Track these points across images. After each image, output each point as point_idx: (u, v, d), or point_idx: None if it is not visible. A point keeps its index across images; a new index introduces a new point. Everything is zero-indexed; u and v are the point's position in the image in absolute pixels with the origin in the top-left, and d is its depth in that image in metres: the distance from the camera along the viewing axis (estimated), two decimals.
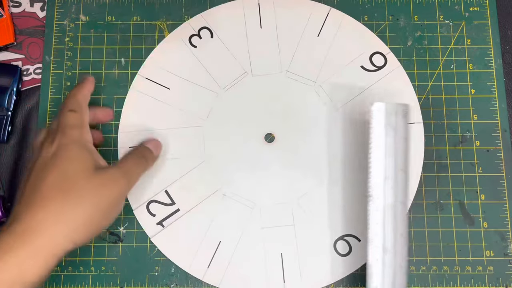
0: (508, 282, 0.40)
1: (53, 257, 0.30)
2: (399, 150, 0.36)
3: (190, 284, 0.40)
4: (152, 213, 0.41)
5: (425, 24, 0.45)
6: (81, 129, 0.35)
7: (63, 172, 0.32)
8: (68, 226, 0.30)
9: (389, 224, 0.35)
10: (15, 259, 0.28)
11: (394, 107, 0.36)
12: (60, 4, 0.46)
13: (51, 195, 0.31)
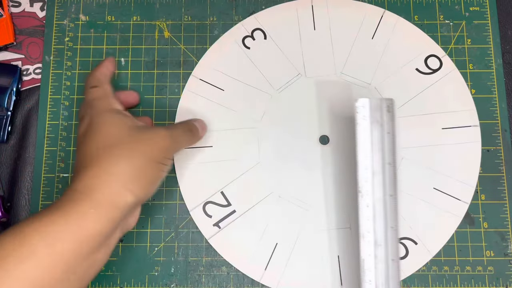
0: (508, 282, 0.40)
1: (114, 208, 0.30)
2: (385, 145, 0.36)
3: (190, 284, 0.40)
4: (208, 214, 0.41)
5: (425, 24, 0.45)
6: (108, 99, 0.36)
7: (105, 134, 0.33)
8: (122, 178, 0.31)
9: (380, 218, 0.35)
10: (78, 209, 0.29)
11: (378, 102, 0.36)
12: (60, 4, 0.46)
13: (100, 155, 0.32)
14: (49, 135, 0.43)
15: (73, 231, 0.28)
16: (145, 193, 0.33)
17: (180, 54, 0.45)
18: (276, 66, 0.44)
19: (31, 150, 0.43)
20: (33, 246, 0.27)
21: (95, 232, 0.29)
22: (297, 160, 0.42)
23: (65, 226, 0.28)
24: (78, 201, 0.30)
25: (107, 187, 0.30)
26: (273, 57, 0.44)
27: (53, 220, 0.28)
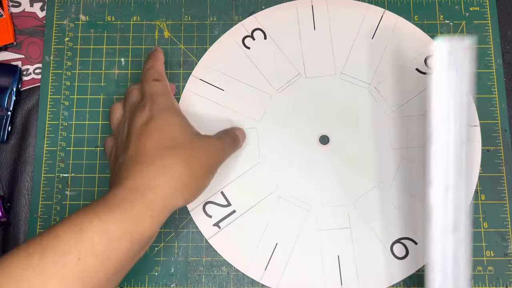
0: (508, 282, 0.40)
1: (166, 211, 0.31)
2: (462, 87, 0.34)
3: (190, 284, 0.40)
4: (208, 214, 0.41)
5: (425, 24, 0.45)
6: (170, 97, 0.37)
7: (167, 134, 0.33)
8: (178, 181, 0.31)
9: (451, 160, 0.34)
10: (136, 209, 0.29)
11: (458, 43, 0.34)
12: (60, 4, 0.46)
13: (160, 154, 0.32)
14: (49, 135, 0.43)
15: (130, 231, 0.29)
16: (193, 199, 0.34)
17: (180, 54, 0.45)
18: (276, 66, 0.44)
19: (31, 150, 0.43)
20: (93, 244, 0.27)
21: (149, 233, 0.30)
22: (297, 160, 0.42)
23: (123, 226, 0.28)
24: (134, 202, 0.30)
25: (163, 189, 0.31)
26: (273, 57, 0.44)
27: (112, 219, 0.28)
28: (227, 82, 0.43)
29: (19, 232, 0.41)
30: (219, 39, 0.44)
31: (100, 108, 0.43)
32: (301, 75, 0.43)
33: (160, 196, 0.30)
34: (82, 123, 0.43)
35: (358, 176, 0.41)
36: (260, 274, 0.40)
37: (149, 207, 0.30)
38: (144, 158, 0.32)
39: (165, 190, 0.31)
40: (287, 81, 0.43)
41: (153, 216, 0.30)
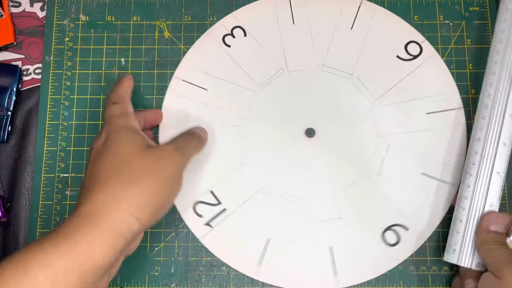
0: None
1: (120, 237, 0.29)
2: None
3: (190, 284, 0.40)
4: (199, 214, 0.41)
5: (425, 24, 0.45)
6: (126, 116, 0.36)
7: (116, 155, 0.32)
8: (129, 204, 0.30)
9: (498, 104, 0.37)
10: (84, 239, 0.28)
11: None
12: (60, 4, 0.46)
13: (109, 177, 0.31)
14: (49, 135, 0.43)
15: (79, 263, 0.27)
16: (152, 219, 0.32)
17: (180, 54, 0.45)
18: (258, 63, 0.44)
19: (31, 150, 0.43)
20: (36, 280, 0.26)
21: (101, 263, 0.28)
22: (285, 154, 0.42)
23: (71, 258, 0.27)
24: (84, 229, 0.28)
25: (114, 215, 0.29)
26: (254, 53, 0.44)
27: (58, 251, 0.27)
28: (210, 82, 0.43)
29: (19, 232, 0.41)
30: (199, 38, 0.44)
31: (100, 108, 0.43)
32: (283, 70, 0.43)
33: (111, 223, 0.29)
34: (82, 123, 0.43)
35: (346, 167, 0.42)
36: (255, 270, 0.40)
37: (100, 235, 0.28)
38: (96, 183, 0.31)
39: (116, 216, 0.29)
40: (269, 76, 0.43)
41: (105, 244, 0.28)
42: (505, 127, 0.37)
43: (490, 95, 0.38)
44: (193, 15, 0.46)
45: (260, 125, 0.43)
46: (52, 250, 0.27)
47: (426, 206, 0.41)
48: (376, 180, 0.41)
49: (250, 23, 0.45)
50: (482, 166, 0.37)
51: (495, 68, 0.38)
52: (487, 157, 0.37)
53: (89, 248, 0.28)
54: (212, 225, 0.41)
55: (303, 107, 0.43)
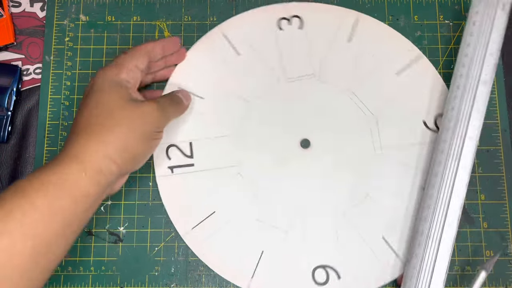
0: (508, 282, 0.40)
1: (100, 175, 0.32)
2: (491, 39, 0.38)
3: (190, 284, 0.40)
4: (169, 156, 0.42)
5: (425, 24, 0.45)
6: (119, 68, 0.37)
7: (97, 103, 0.35)
8: (107, 147, 0.33)
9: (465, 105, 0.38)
10: (71, 174, 0.31)
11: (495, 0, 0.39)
12: (60, 4, 0.46)
13: (90, 124, 0.34)
14: (49, 135, 0.43)
15: (69, 191, 0.31)
16: (130, 165, 0.35)
17: None
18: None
19: (31, 150, 0.43)
20: (34, 202, 0.29)
21: (87, 193, 0.31)
22: (279, 165, 0.42)
23: (62, 186, 0.30)
24: (72, 165, 0.32)
25: (94, 156, 0.32)
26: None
27: (51, 181, 0.30)
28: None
29: None
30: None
31: None
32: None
33: (92, 162, 0.32)
34: None
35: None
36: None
37: (83, 170, 0.32)
38: (80, 128, 0.34)
39: (97, 157, 0.32)
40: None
41: (89, 178, 0.32)
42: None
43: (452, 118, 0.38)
44: (193, 15, 0.46)
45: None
46: (45, 179, 0.30)
47: None
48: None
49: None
50: None
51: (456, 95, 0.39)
52: None
53: (77, 179, 0.31)
54: (174, 171, 0.41)
55: (298, 118, 0.42)
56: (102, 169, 0.32)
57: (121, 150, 0.33)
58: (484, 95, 0.38)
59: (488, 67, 0.38)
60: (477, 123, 0.37)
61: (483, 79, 0.38)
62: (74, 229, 0.31)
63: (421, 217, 0.38)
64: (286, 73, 0.43)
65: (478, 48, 0.38)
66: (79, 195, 0.31)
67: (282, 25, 0.44)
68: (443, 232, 0.36)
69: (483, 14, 0.39)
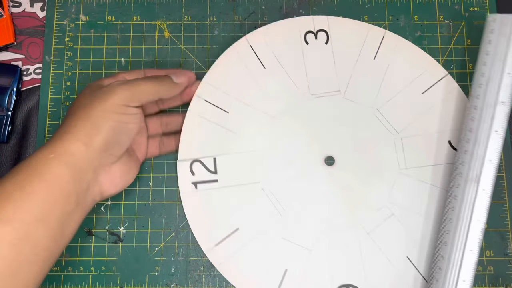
0: (508, 282, 0.40)
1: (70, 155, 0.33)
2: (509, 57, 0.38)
3: (190, 284, 0.40)
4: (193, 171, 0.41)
5: (425, 24, 0.45)
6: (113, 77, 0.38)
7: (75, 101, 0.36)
8: (72, 130, 0.33)
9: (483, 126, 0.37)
10: (42, 157, 0.32)
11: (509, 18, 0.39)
12: (60, 4, 0.46)
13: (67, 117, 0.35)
14: (49, 135, 0.43)
15: (39, 174, 0.31)
16: (98, 144, 0.34)
17: (180, 54, 0.45)
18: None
19: (31, 150, 0.43)
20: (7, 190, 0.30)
21: (57, 174, 0.32)
22: (304, 182, 0.41)
23: (32, 171, 0.31)
24: (41, 150, 0.32)
25: (61, 138, 0.33)
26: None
27: (22, 168, 0.31)
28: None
29: None
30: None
31: None
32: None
33: (60, 144, 0.33)
34: None
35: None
36: (211, 247, 0.40)
37: (52, 152, 0.32)
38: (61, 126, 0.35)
39: (63, 139, 0.33)
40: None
41: (57, 159, 0.32)
42: None
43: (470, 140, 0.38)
44: (193, 15, 0.46)
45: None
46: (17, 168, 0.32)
47: None
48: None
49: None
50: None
51: None
52: None
53: (46, 162, 0.32)
54: (198, 187, 0.40)
55: (323, 134, 0.42)
56: (69, 149, 0.32)
57: (86, 129, 0.33)
58: (502, 116, 0.37)
59: (506, 87, 0.37)
60: (497, 145, 0.37)
61: (501, 99, 0.37)
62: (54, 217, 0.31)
63: (441, 242, 0.37)
64: (311, 89, 0.43)
65: (495, 67, 0.38)
66: (48, 177, 0.31)
67: (308, 39, 0.44)
68: (463, 258, 0.36)
69: (498, 32, 0.39)
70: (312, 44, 0.43)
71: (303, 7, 0.46)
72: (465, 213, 0.36)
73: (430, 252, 0.40)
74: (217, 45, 0.45)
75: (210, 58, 0.45)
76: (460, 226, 0.36)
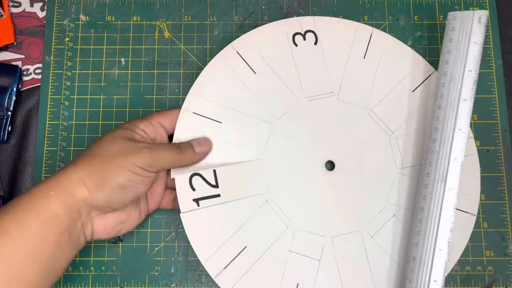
0: (508, 282, 0.40)
1: (71, 196, 0.32)
2: (470, 53, 0.38)
3: (190, 284, 0.40)
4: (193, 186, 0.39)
5: (425, 24, 0.45)
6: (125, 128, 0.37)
7: (95, 142, 0.35)
8: (80, 168, 0.33)
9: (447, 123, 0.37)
10: (43, 195, 0.32)
11: (470, 14, 0.38)
12: (60, 4, 0.46)
13: (82, 155, 0.34)
14: (49, 135, 0.43)
15: (37, 211, 0.31)
16: (104, 195, 0.33)
17: (180, 54, 0.45)
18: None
19: (31, 150, 0.43)
20: (4, 225, 0.30)
21: (55, 213, 0.31)
22: (306, 190, 0.40)
23: (31, 207, 0.31)
24: (41, 186, 0.32)
25: (65, 176, 0.32)
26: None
27: (21, 202, 0.31)
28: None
29: None
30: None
31: (100, 108, 0.43)
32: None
33: (60, 180, 0.32)
34: (83, 123, 0.43)
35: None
36: (218, 271, 0.38)
37: (53, 187, 0.32)
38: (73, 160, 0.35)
39: (66, 176, 0.33)
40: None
41: (57, 198, 0.32)
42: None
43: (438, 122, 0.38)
44: (193, 15, 0.46)
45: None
46: (17, 202, 0.31)
47: None
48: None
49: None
50: None
51: None
52: None
53: (45, 200, 0.31)
54: (200, 204, 0.39)
55: (321, 138, 0.41)
56: (71, 190, 0.32)
57: (95, 176, 0.33)
58: (465, 113, 0.37)
59: (468, 84, 0.37)
60: (461, 144, 0.37)
61: (463, 97, 0.37)
62: (47, 254, 0.31)
63: (412, 243, 0.37)
64: (304, 92, 0.42)
65: (457, 66, 0.38)
66: (46, 215, 0.31)
67: (297, 41, 0.43)
68: (434, 258, 0.36)
69: (459, 30, 0.39)
70: (301, 46, 0.43)
71: (303, 7, 0.46)
72: (434, 213, 0.36)
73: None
74: (217, 45, 0.45)
75: (210, 58, 0.45)
76: (430, 227, 0.36)
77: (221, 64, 0.41)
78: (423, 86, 0.42)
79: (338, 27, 0.43)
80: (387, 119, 0.42)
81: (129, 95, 0.44)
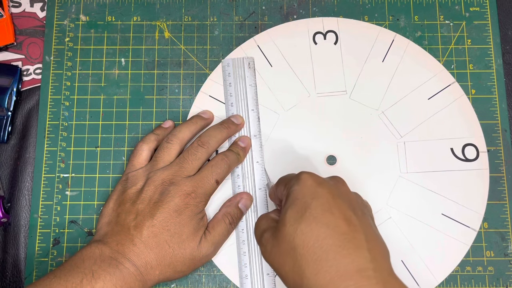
0: (508, 283, 0.40)
1: (141, 277, 0.35)
2: (248, 94, 0.42)
3: (190, 284, 0.40)
4: None
5: (425, 24, 0.45)
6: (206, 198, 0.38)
7: (170, 222, 0.37)
8: (135, 255, 0.35)
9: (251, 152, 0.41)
10: (120, 273, 0.34)
11: (241, 60, 0.43)
12: (60, 4, 0.46)
13: (155, 238, 0.36)
14: (49, 135, 0.43)
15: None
16: (168, 276, 0.36)
17: (180, 54, 0.45)
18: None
19: (31, 150, 0.43)
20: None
21: None
22: None
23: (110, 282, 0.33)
24: (119, 266, 0.34)
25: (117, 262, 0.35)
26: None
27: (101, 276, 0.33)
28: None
29: (20, 232, 0.41)
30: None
31: (100, 108, 0.43)
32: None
33: (136, 265, 0.35)
34: (83, 123, 0.43)
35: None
36: None
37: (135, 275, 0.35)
38: (143, 237, 0.36)
39: (144, 263, 0.35)
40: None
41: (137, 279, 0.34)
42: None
43: None
44: (193, 15, 0.46)
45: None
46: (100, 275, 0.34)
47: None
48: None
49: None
50: None
51: None
52: None
53: (124, 278, 0.34)
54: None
55: (326, 133, 0.42)
56: (142, 271, 0.35)
57: (164, 264, 0.36)
58: (258, 148, 0.41)
59: (254, 121, 0.42)
60: (260, 174, 0.41)
61: (253, 133, 0.41)
62: None
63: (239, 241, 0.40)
64: (317, 88, 0.43)
65: (241, 107, 0.42)
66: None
67: (317, 39, 0.44)
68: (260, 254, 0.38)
69: (235, 75, 0.43)
70: (321, 45, 0.44)
71: (303, 7, 0.46)
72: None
73: (423, 257, 0.40)
74: (217, 45, 0.45)
75: (210, 59, 0.45)
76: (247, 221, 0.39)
77: (240, 55, 0.44)
78: (441, 95, 0.43)
79: (361, 30, 0.44)
80: (397, 123, 0.42)
81: (129, 95, 0.44)
